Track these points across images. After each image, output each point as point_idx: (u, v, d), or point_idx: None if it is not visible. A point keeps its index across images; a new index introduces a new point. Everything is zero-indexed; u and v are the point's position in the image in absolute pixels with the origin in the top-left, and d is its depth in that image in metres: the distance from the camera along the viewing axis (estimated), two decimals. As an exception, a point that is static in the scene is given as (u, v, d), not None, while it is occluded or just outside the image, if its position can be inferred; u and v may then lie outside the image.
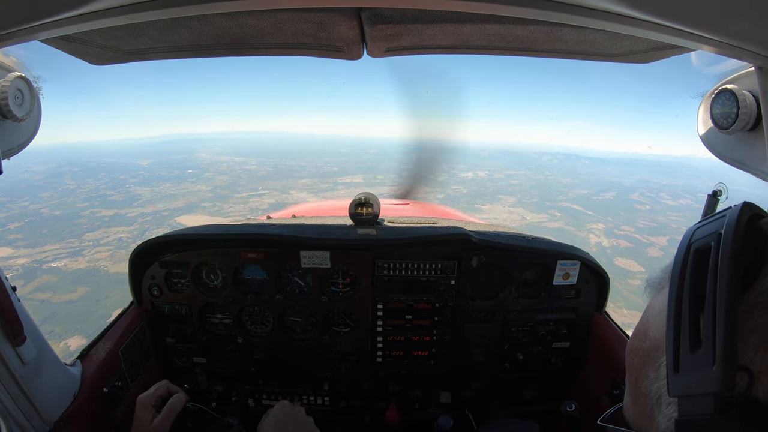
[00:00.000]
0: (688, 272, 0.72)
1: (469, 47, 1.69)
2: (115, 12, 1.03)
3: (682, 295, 0.72)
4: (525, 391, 2.88)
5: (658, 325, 0.80)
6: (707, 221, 0.74)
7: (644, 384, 0.80)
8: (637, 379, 0.83)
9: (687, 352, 0.68)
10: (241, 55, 1.76)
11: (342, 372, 2.79)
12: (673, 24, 1.01)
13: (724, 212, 0.71)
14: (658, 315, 0.81)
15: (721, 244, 0.67)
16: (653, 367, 0.78)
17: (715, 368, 0.62)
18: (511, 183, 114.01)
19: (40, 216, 64.69)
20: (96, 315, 28.34)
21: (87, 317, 29.26)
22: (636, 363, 0.84)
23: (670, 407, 0.72)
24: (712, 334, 0.64)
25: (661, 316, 0.79)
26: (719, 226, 0.69)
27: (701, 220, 0.76)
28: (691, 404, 0.66)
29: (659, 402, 0.76)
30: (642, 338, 0.84)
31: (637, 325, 0.88)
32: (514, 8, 0.99)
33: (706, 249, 0.70)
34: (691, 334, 0.68)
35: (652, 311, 0.85)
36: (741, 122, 1.43)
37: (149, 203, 78.10)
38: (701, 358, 0.65)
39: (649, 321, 0.84)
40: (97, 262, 46.32)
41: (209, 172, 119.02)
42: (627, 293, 36.94)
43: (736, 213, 0.68)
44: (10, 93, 1.42)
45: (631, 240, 57.59)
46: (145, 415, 1.74)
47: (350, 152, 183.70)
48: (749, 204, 0.70)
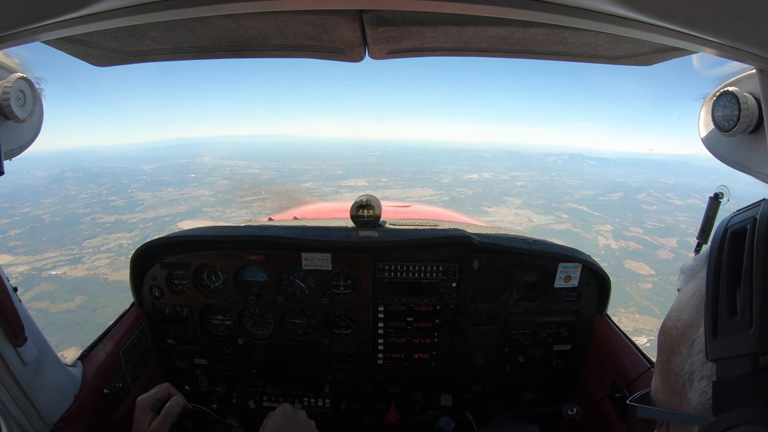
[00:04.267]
0: (725, 251, 0.77)
1: (470, 49, 1.69)
2: (118, 13, 1.03)
3: (720, 272, 0.76)
4: (526, 393, 2.87)
5: (693, 304, 0.83)
6: (742, 210, 0.80)
7: (677, 361, 0.82)
8: (670, 358, 0.85)
9: (725, 318, 0.72)
10: (242, 57, 1.76)
11: (342, 374, 2.79)
12: (675, 26, 1.01)
13: (758, 203, 0.77)
14: (693, 296, 0.84)
15: (757, 226, 0.72)
16: (687, 344, 0.81)
17: (753, 330, 0.66)
18: (516, 184, 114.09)
19: (41, 222, 64.77)
20: (93, 325, 28.24)
21: (83, 327, 29.22)
22: (669, 342, 0.87)
23: (702, 381, 0.75)
24: (749, 303, 0.68)
25: (695, 297, 0.83)
26: (755, 212, 0.75)
27: (737, 210, 0.82)
28: (728, 366, 0.70)
29: (691, 378, 0.78)
30: (676, 319, 0.86)
31: (670, 310, 0.91)
32: (515, 11, 0.99)
33: (742, 231, 0.75)
34: (728, 304, 0.72)
35: (685, 294, 0.88)
36: (742, 124, 1.43)
37: (151, 208, 78.18)
38: (739, 323, 0.69)
39: (683, 303, 0.87)
40: (97, 270, 46.23)
41: (212, 176, 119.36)
42: (638, 298, 36.69)
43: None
44: (12, 94, 1.43)
45: (640, 242, 57.26)
46: (143, 417, 1.76)
47: (354, 155, 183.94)
48: None
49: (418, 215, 4.50)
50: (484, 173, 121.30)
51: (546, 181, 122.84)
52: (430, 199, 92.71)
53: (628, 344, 2.45)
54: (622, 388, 2.28)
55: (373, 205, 2.60)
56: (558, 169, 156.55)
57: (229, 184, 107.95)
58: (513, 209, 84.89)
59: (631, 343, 2.44)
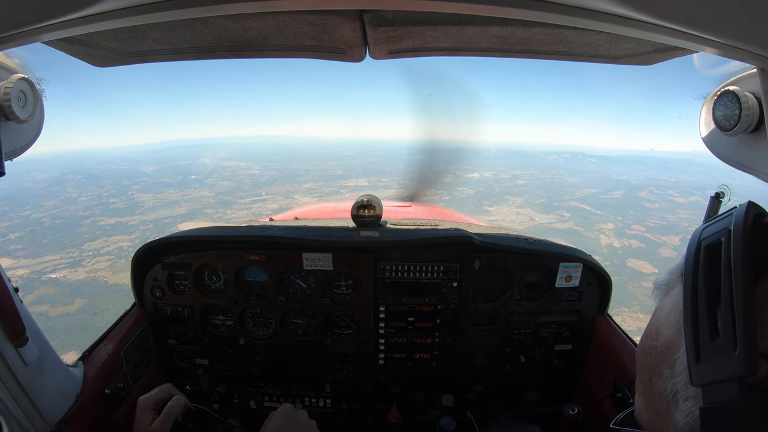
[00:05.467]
0: (701, 267, 0.74)
1: (471, 49, 1.69)
2: (118, 14, 1.03)
3: (697, 289, 0.74)
4: (527, 393, 2.87)
5: (671, 323, 0.81)
6: (714, 221, 0.77)
7: (659, 383, 0.80)
8: (651, 378, 0.83)
9: (707, 340, 0.69)
10: (243, 57, 1.76)
11: (344, 374, 2.79)
12: (676, 26, 1.01)
13: (729, 212, 0.74)
14: (670, 313, 0.82)
15: (732, 238, 0.69)
16: (668, 364, 0.79)
17: (737, 353, 0.63)
18: (517, 183, 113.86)
19: (41, 225, 64.79)
20: (93, 329, 28.15)
21: (83, 331, 29.17)
22: (649, 362, 0.84)
23: (688, 402, 0.73)
24: (731, 321, 0.65)
25: (673, 314, 0.81)
26: (728, 223, 0.72)
27: (707, 221, 0.80)
28: (714, 391, 0.67)
29: (675, 399, 0.76)
30: (654, 338, 0.84)
31: (647, 327, 0.89)
32: (516, 10, 0.99)
33: (717, 245, 0.72)
34: (710, 324, 0.70)
35: (662, 311, 0.86)
36: (743, 124, 1.43)
37: (151, 210, 78.21)
38: (722, 345, 0.66)
39: (661, 321, 0.85)
40: (97, 273, 46.21)
41: (212, 177, 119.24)
42: (642, 297, 36.47)
43: (743, 210, 0.71)
44: (13, 94, 1.43)
45: (643, 240, 57.09)
46: (144, 417, 1.77)
47: (355, 155, 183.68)
48: (753, 203, 0.72)
49: (419, 215, 4.50)
50: (485, 172, 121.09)
51: (547, 180, 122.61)
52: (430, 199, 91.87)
53: (630, 344, 2.45)
54: (624, 387, 2.28)
55: (374, 205, 2.60)
56: (559, 168, 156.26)
57: (229, 186, 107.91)
58: (514, 208, 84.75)
59: (633, 343, 2.44)
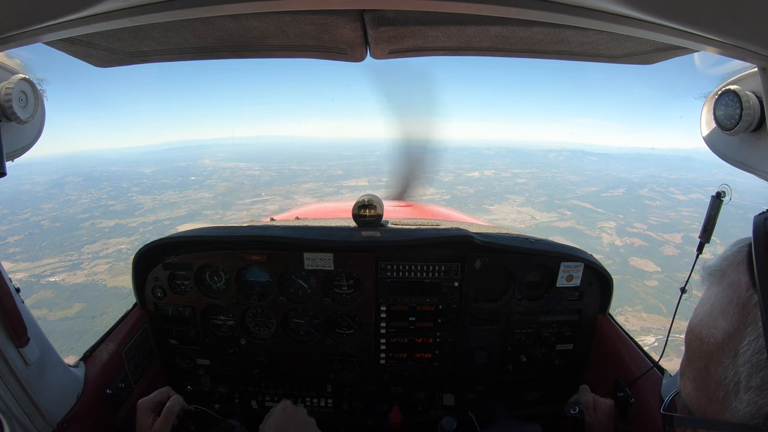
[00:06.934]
0: None
1: (471, 49, 1.69)
2: (119, 14, 1.03)
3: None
4: (528, 393, 2.87)
5: (732, 312, 0.80)
6: None
7: (717, 371, 0.80)
8: (708, 365, 0.83)
9: None
10: (244, 57, 1.76)
11: (345, 374, 2.79)
12: (676, 25, 1.01)
13: None
14: (730, 303, 0.81)
15: None
16: (729, 354, 0.78)
17: None
18: (518, 182, 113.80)
19: (40, 228, 64.80)
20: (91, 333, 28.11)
21: (81, 335, 29.22)
22: (706, 350, 0.83)
23: (750, 392, 0.73)
24: None
25: (734, 304, 0.80)
26: None
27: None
28: None
29: (737, 388, 0.75)
30: (712, 326, 0.83)
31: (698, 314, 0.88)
32: (516, 10, 0.99)
33: None
34: None
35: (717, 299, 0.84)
36: (744, 123, 1.43)
37: (151, 212, 78.24)
38: None
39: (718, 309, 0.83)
40: (96, 276, 46.22)
41: (212, 178, 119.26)
42: (644, 295, 36.35)
43: None
44: (14, 95, 1.43)
45: (645, 238, 56.91)
46: (145, 419, 1.79)
47: (355, 155, 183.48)
48: None
49: (420, 215, 4.50)
50: (486, 171, 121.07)
51: (548, 178, 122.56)
52: (431, 198, 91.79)
53: (631, 343, 2.45)
54: (625, 387, 2.28)
55: (375, 205, 2.60)
56: (559, 166, 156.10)
57: (229, 187, 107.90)
58: (515, 207, 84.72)
59: (634, 342, 2.44)
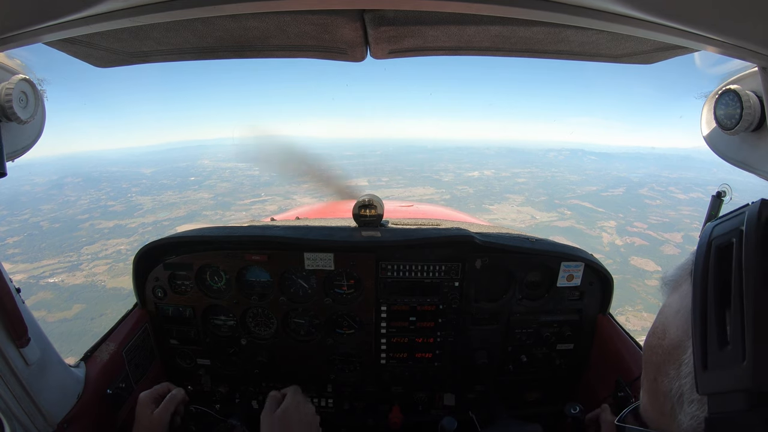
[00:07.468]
0: (711, 269, 0.71)
1: (472, 49, 1.69)
2: (119, 15, 1.03)
3: (706, 293, 0.71)
4: (529, 393, 2.87)
5: (679, 323, 0.79)
6: (725, 218, 0.74)
7: (664, 382, 0.80)
8: (656, 377, 0.82)
9: (715, 349, 0.67)
10: (244, 57, 1.76)
11: (345, 374, 2.79)
12: (677, 24, 1.01)
13: (742, 209, 0.70)
14: (678, 313, 0.80)
15: (743, 240, 0.66)
16: (674, 365, 0.78)
17: (746, 364, 0.61)
18: (518, 181, 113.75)
19: (40, 229, 64.79)
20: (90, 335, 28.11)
21: (81, 337, 29.19)
22: (655, 361, 0.83)
23: (693, 405, 0.72)
24: (740, 330, 0.63)
25: (681, 314, 0.79)
26: (739, 222, 0.68)
27: (719, 217, 0.76)
28: (721, 401, 0.65)
29: (681, 400, 0.75)
30: (661, 336, 0.83)
31: (654, 324, 0.87)
32: (517, 10, 0.99)
33: (728, 245, 0.69)
34: (718, 331, 0.67)
35: (670, 309, 0.84)
36: (745, 123, 1.43)
37: (150, 213, 78.22)
38: (730, 355, 0.64)
39: (668, 319, 0.83)
40: (95, 277, 46.18)
41: (211, 179, 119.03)
42: (645, 295, 36.25)
43: (755, 209, 0.67)
44: (14, 95, 1.43)
45: (645, 237, 56.81)
46: (145, 409, 1.80)
47: (355, 155, 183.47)
48: (766, 201, 0.69)
49: (420, 215, 4.50)
50: (486, 171, 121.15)
51: (548, 178, 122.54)
52: (431, 198, 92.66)
53: (631, 343, 2.45)
54: (625, 387, 2.28)
55: (375, 205, 2.60)
56: (559, 165, 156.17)
57: (228, 187, 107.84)
58: (515, 206, 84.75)
59: (634, 342, 2.44)
